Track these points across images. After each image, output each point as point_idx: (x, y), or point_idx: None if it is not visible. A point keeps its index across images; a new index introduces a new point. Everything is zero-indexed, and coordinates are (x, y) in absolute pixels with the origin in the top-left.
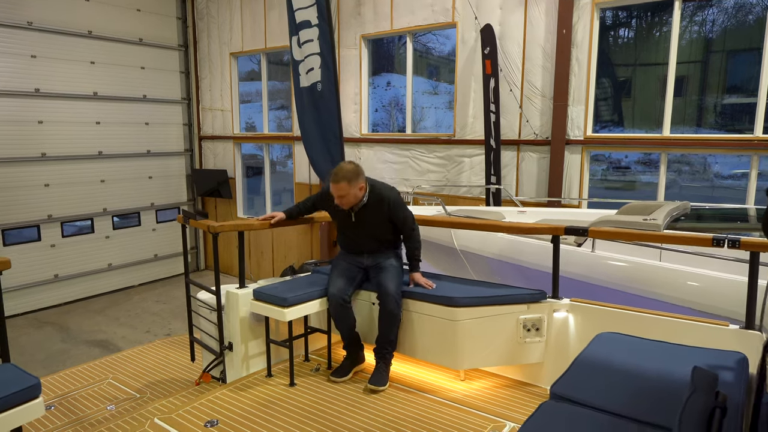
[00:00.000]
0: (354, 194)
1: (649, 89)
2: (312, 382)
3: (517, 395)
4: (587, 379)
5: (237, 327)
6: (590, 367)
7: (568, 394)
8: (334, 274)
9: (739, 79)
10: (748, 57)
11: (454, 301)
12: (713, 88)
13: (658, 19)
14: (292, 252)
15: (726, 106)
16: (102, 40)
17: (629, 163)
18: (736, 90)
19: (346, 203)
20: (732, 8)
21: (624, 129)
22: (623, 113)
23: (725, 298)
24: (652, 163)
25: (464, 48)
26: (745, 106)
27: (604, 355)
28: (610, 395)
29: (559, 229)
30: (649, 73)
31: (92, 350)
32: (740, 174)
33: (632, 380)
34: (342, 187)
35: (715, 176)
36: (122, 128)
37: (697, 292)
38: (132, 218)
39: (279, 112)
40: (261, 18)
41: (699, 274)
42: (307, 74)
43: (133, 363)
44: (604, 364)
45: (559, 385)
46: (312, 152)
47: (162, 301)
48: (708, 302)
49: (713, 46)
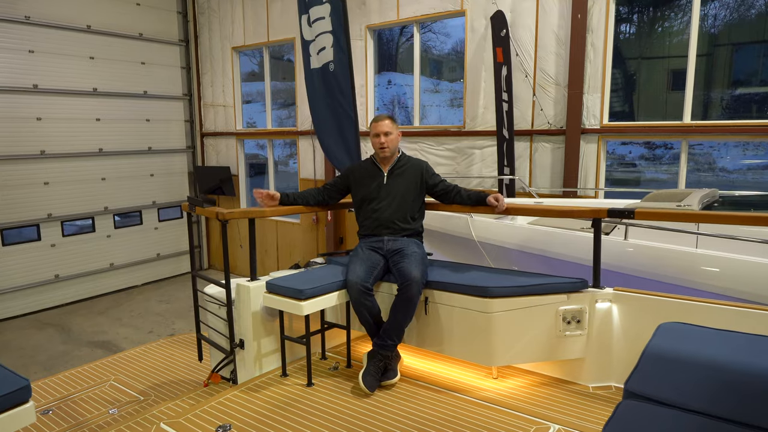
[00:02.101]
0: (396, 136)
1: (655, 82)
2: (331, 382)
3: (557, 394)
4: (663, 375)
5: (249, 323)
6: (662, 360)
7: (647, 392)
8: (353, 262)
9: (745, 72)
10: (753, 50)
11: (488, 291)
12: (719, 82)
13: (660, 14)
14: (297, 250)
15: (732, 98)
16: (101, 35)
17: (633, 158)
18: (741, 83)
19: (389, 143)
20: (734, 2)
21: (635, 120)
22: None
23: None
24: (656, 158)
25: (473, 36)
26: (752, 96)
27: (674, 347)
28: (693, 392)
29: (601, 212)
30: (656, 66)
31: (94, 351)
32: (746, 168)
33: (713, 374)
34: (386, 124)
35: (721, 170)
36: (123, 125)
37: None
38: (134, 217)
39: (280, 111)
40: (263, 11)
41: (745, 260)
42: (318, 54)
43: (136, 363)
44: (676, 358)
45: (634, 382)
46: (325, 138)
47: (165, 301)
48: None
49: (718, 40)
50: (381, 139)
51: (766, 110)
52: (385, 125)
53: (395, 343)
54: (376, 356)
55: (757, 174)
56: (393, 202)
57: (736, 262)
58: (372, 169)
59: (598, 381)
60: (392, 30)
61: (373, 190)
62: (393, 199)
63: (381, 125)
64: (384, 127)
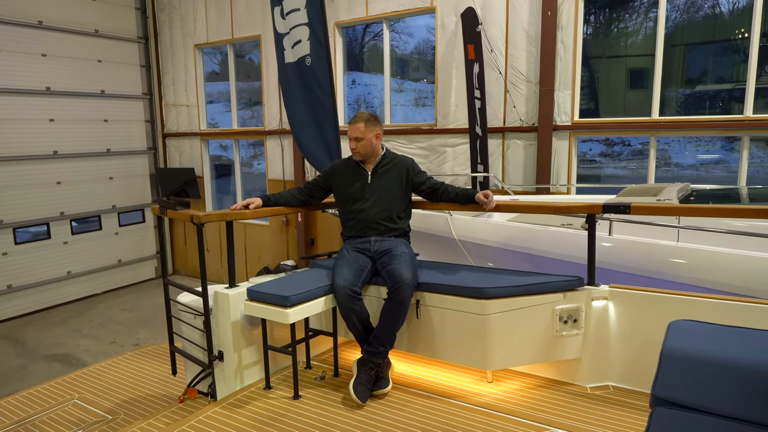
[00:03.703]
0: (370, 141)
1: (614, 81)
2: (319, 393)
3: (554, 396)
4: (689, 378)
5: (228, 333)
6: (684, 362)
7: (678, 398)
8: (340, 265)
9: (698, 71)
10: (704, 50)
11: (483, 292)
12: (674, 80)
13: (616, 15)
14: (267, 252)
15: (686, 96)
16: (54, 31)
17: (594, 155)
18: (695, 81)
19: (361, 149)
20: (683, 5)
21: (600, 118)
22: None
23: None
24: (615, 154)
25: (444, 34)
26: (704, 94)
27: (692, 347)
28: (722, 395)
29: (596, 207)
30: (615, 65)
31: (53, 366)
32: (699, 163)
33: (739, 375)
34: (358, 128)
35: (675, 166)
36: (79, 126)
37: (736, 272)
38: (92, 222)
39: (243, 112)
40: (227, 7)
41: (736, 254)
42: (293, 48)
43: (101, 379)
44: (699, 358)
45: (662, 388)
46: (302, 136)
47: (128, 310)
48: (746, 284)
49: (673, 41)
50: (351, 144)
51: (717, 107)
52: (357, 129)
53: (387, 349)
54: (366, 364)
55: (709, 168)
56: (378, 201)
57: (719, 255)
58: (355, 167)
59: (596, 381)
60: (355, 28)
61: (356, 190)
62: (378, 198)
63: (353, 129)
64: (355, 132)
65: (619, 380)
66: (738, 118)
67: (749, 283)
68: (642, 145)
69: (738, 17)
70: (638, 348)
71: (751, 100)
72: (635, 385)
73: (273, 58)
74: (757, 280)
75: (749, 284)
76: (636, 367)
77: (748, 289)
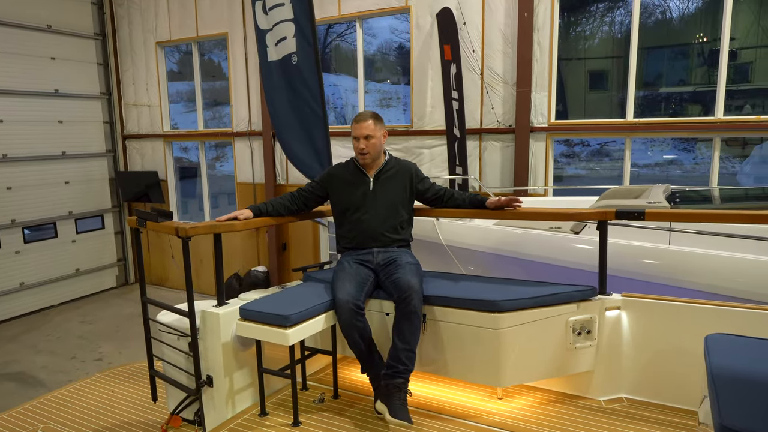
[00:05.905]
0: (379, 139)
1: (575, 83)
2: (319, 418)
3: (568, 411)
4: (753, 403)
5: (219, 356)
6: (740, 384)
7: (748, 427)
8: (340, 278)
9: (654, 73)
10: (660, 54)
11: (496, 305)
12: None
13: (574, 19)
14: (236, 259)
15: (645, 98)
16: (2, 26)
17: (555, 156)
18: (653, 84)
19: (371, 149)
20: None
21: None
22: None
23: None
24: (575, 155)
25: (419, 34)
26: (658, 96)
27: (742, 366)
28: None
29: (609, 213)
30: (575, 67)
31: (6, 385)
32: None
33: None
34: (368, 126)
35: (633, 166)
36: (30, 127)
37: (725, 275)
38: (47, 229)
39: (204, 112)
40: (191, 3)
41: (720, 256)
42: (277, 45)
43: (69, 405)
44: (754, 379)
45: (728, 417)
46: (288, 140)
47: (88, 322)
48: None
49: (628, 44)
50: (361, 144)
51: (670, 109)
52: (367, 127)
53: (408, 368)
54: (392, 392)
55: (663, 168)
56: (381, 211)
57: (713, 259)
58: (355, 173)
59: (609, 394)
60: (318, 28)
61: (357, 198)
62: (381, 208)
63: (361, 127)
64: (365, 130)
65: (633, 392)
66: (710, 119)
67: (744, 287)
68: (600, 146)
69: (691, 22)
70: (651, 358)
71: (722, 103)
72: (649, 397)
73: (240, 57)
74: (748, 284)
75: (744, 287)
76: (649, 377)
77: (745, 292)
